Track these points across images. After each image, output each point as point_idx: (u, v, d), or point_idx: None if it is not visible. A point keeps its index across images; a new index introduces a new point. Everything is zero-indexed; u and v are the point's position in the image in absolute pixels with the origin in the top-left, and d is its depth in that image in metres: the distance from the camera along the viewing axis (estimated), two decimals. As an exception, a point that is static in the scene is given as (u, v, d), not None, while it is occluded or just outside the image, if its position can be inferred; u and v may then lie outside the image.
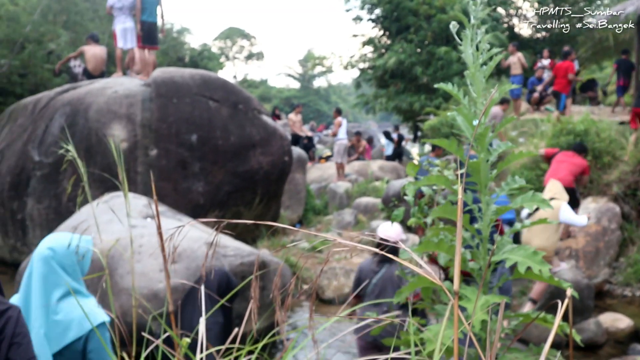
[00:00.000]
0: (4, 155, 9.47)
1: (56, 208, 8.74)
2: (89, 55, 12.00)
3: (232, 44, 78.04)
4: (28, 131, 9.38)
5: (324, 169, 19.47)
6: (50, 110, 9.42)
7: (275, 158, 10.17)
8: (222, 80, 10.31)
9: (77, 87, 10.10)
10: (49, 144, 8.94)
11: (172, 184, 9.04)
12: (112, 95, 9.28)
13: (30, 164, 8.96)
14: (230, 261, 6.08)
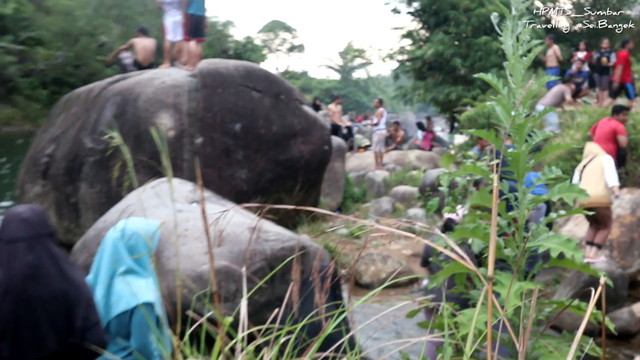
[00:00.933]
0: (59, 142, 9.63)
1: (107, 192, 8.87)
2: (139, 47, 12.14)
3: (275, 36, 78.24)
4: (81, 119, 9.53)
5: (363, 158, 19.43)
6: (102, 99, 9.55)
7: (316, 147, 10.16)
8: (265, 72, 10.33)
9: (127, 77, 10.22)
10: (101, 131, 9.07)
11: (217, 171, 9.11)
12: (160, 86, 9.37)
13: (83, 151, 9.11)
14: (271, 245, 6.10)
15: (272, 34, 78.07)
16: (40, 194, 9.62)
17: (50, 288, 2.65)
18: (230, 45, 55.11)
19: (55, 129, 10.08)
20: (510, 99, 2.28)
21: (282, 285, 5.98)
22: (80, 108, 9.85)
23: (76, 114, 9.82)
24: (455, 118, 24.53)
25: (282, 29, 78.53)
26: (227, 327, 2.13)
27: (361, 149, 21.82)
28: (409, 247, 9.97)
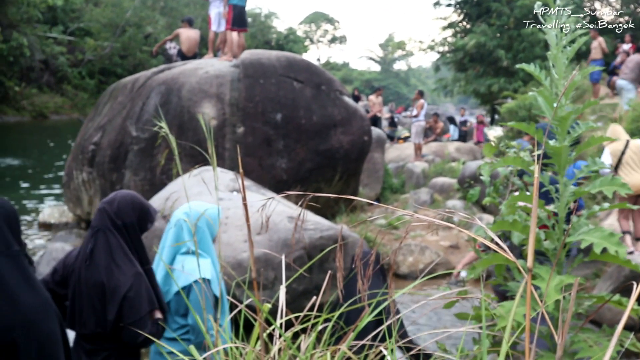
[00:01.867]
0: (105, 130, 9.78)
1: (151, 180, 8.99)
2: (184, 37, 12.24)
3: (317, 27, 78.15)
4: (127, 108, 9.65)
5: (402, 149, 19.33)
6: (147, 89, 9.66)
7: (356, 137, 10.13)
8: (307, 62, 10.32)
9: (171, 67, 10.31)
10: (145, 120, 9.18)
11: (257, 160, 9.15)
12: (203, 76, 9.44)
13: (128, 139, 9.23)
14: (310, 235, 6.11)
15: (314, 25, 77.96)
16: (87, 180, 9.80)
17: (94, 277, 2.84)
18: (272, 37, 55.24)
19: (102, 117, 10.23)
20: (552, 90, 2.23)
21: (320, 274, 5.99)
22: (126, 97, 9.98)
23: (122, 103, 9.95)
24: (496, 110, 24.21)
25: (324, 21, 78.36)
26: (266, 313, 2.14)
27: (400, 140, 21.70)
28: (447, 238, 9.89)
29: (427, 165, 16.13)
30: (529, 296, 1.28)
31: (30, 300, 2.32)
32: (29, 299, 2.31)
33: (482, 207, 11.47)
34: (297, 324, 2.40)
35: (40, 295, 2.39)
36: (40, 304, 2.36)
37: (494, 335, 2.57)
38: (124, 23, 38.77)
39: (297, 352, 2.10)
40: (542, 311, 1.69)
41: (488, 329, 2.35)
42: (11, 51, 31.10)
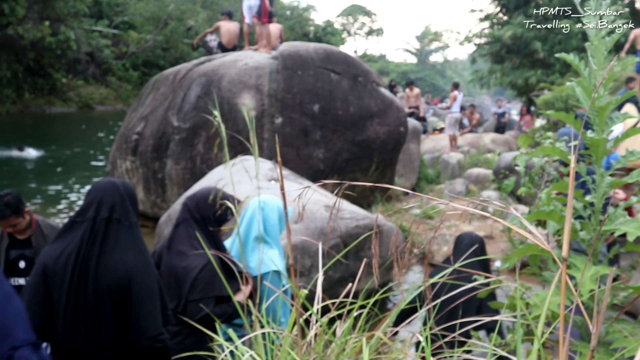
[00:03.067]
0: (147, 120, 9.90)
1: (191, 169, 9.08)
2: (224, 30, 12.31)
3: (354, 20, 77.91)
4: (169, 99, 9.75)
5: (438, 140, 19.20)
6: (188, 80, 9.74)
7: (392, 128, 10.09)
8: (344, 54, 10.30)
9: (212, 59, 10.38)
10: (187, 110, 9.27)
11: (295, 150, 9.17)
12: (242, 67, 9.48)
13: (170, 129, 9.33)
14: (346, 223, 6.12)
15: (352, 17, 77.73)
16: (130, 169, 9.94)
17: (172, 262, 3.21)
18: (310, 29, 55.22)
19: (145, 108, 10.36)
20: (591, 81, 2.19)
21: (356, 262, 5.99)
22: (168, 88, 10.08)
23: (164, 94, 10.06)
24: (532, 102, 23.83)
25: (362, 13, 78.06)
26: (303, 299, 2.15)
27: (436, 131, 21.55)
28: (481, 228, 9.80)
29: (462, 156, 16.01)
30: (564, 286, 1.27)
31: (136, 260, 2.67)
32: (135, 260, 2.67)
33: (517, 197, 11.34)
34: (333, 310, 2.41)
35: (144, 258, 2.72)
36: (143, 264, 2.69)
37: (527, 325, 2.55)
38: (166, 16, 39.15)
39: (332, 338, 2.11)
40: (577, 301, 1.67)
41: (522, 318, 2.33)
42: (59, 44, 31.65)
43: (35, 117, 31.80)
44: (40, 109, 33.52)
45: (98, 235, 2.65)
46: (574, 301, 1.37)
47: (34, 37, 29.96)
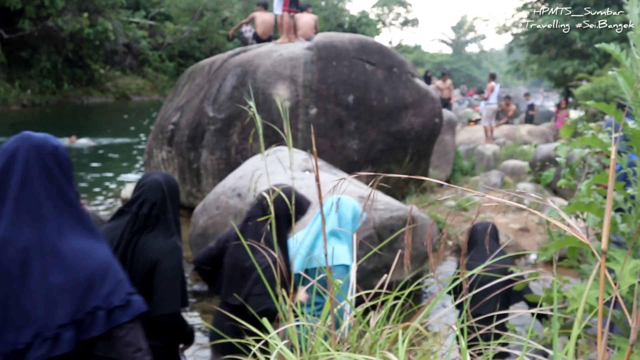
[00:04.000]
0: (183, 110, 9.98)
1: (226, 159, 9.13)
2: (259, 21, 12.33)
3: (389, 11, 77.42)
4: (204, 90, 9.82)
5: (473, 131, 19.03)
6: (223, 71, 9.79)
7: (426, 119, 10.01)
8: (379, 45, 10.24)
9: (247, 50, 10.42)
10: (222, 101, 9.32)
11: (329, 141, 9.16)
12: (277, 58, 9.49)
13: (205, 119, 9.39)
14: (380, 215, 6.10)
15: (387, 8, 77.22)
16: (166, 159, 10.05)
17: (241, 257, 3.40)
18: (345, 20, 55.03)
19: (181, 98, 10.44)
20: (633, 70, 2.14)
21: (390, 254, 5.97)
22: (203, 79, 10.14)
23: (199, 84, 10.13)
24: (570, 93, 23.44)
25: (397, 4, 77.50)
26: (338, 289, 2.14)
27: (472, 122, 21.35)
28: (517, 221, 9.69)
29: (498, 148, 15.84)
30: (603, 279, 1.24)
31: (163, 244, 2.97)
32: (162, 244, 2.98)
33: (554, 190, 11.18)
34: (367, 301, 2.41)
35: (171, 243, 3.00)
36: (169, 248, 2.97)
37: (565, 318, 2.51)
38: (202, 8, 39.37)
39: (367, 328, 2.10)
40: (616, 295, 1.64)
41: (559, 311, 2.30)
42: (97, 35, 32.07)
43: (73, 107, 32.33)
44: (79, 99, 34.06)
45: (137, 227, 3.01)
46: (613, 295, 1.34)
47: (72, 29, 30.40)
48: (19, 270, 1.89)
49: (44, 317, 1.86)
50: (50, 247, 1.93)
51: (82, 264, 1.94)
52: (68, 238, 1.96)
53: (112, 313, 1.94)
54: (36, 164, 1.97)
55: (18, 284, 1.88)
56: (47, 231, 1.94)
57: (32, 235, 1.92)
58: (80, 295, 1.91)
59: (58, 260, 1.92)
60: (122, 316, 1.95)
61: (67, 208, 2.01)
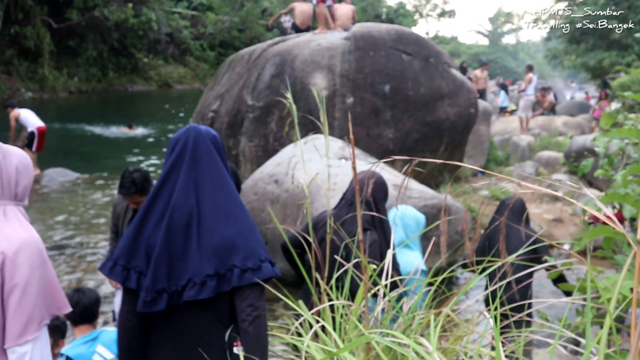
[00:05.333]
0: (223, 99, 10.04)
1: (264, 146, 9.17)
2: (298, 11, 12.30)
3: (426, 2, 76.57)
4: (243, 78, 9.86)
5: (508, 122, 18.79)
6: (263, 60, 9.81)
7: (462, 109, 9.91)
8: (416, 35, 10.15)
9: (286, 40, 10.42)
10: (260, 89, 9.35)
11: (365, 129, 9.14)
12: (315, 48, 9.48)
13: (244, 107, 9.44)
14: (414, 203, 6.07)
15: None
16: (206, 145, 10.12)
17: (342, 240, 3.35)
18: (382, 11, 54.67)
19: (221, 87, 10.51)
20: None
21: (423, 241, 5.94)
22: (243, 68, 10.18)
23: (239, 73, 10.17)
24: (607, 85, 22.92)
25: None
26: (373, 273, 2.15)
27: (507, 113, 21.07)
28: (550, 211, 9.55)
29: (533, 139, 15.61)
30: (638, 269, 1.22)
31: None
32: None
33: (589, 181, 10.99)
34: (401, 287, 2.40)
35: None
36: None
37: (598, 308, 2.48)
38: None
39: (400, 312, 2.10)
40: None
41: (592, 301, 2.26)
42: (141, 25, 32.40)
43: (118, 94, 32.78)
44: (123, 87, 34.50)
45: None
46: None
47: (118, 19, 30.75)
48: (183, 230, 2.38)
49: (196, 268, 2.34)
50: (206, 214, 2.40)
51: (229, 230, 2.39)
52: (220, 208, 2.42)
53: (245, 272, 2.34)
54: (202, 147, 2.48)
55: (181, 241, 2.37)
56: (206, 201, 2.41)
57: (195, 203, 2.40)
58: (224, 255, 2.35)
59: (211, 225, 2.38)
60: (252, 277, 2.33)
61: (223, 183, 2.47)
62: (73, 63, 31.90)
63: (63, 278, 6.89)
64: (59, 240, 8.25)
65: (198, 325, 2.44)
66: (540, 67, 53.60)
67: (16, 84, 27.57)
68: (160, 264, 2.35)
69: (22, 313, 2.24)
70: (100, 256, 7.62)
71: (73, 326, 3.59)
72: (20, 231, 2.32)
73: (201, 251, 2.37)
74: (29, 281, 2.26)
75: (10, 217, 2.35)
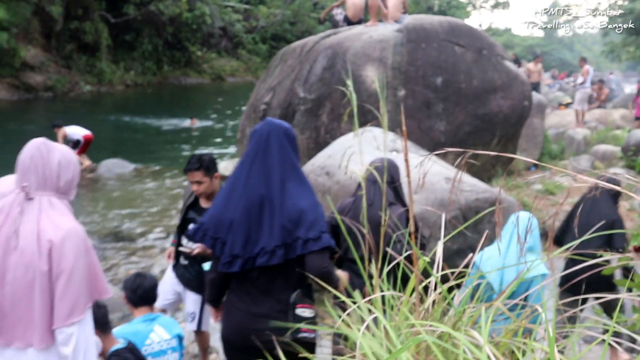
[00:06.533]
0: (275, 91, 10.10)
1: (315, 138, 9.20)
2: (349, 4, 12.27)
3: (480, -7, 75.29)
4: (295, 71, 9.90)
5: (563, 115, 18.36)
6: (314, 53, 9.83)
7: (515, 102, 9.74)
8: (469, 27, 10.01)
9: (337, 32, 10.41)
10: (312, 82, 9.37)
11: (417, 122, 9.07)
12: (367, 40, 9.44)
13: (296, 99, 9.48)
14: (466, 196, 6.01)
15: (477, -10, 75.17)
16: (258, 137, 10.20)
17: (375, 214, 3.71)
18: (434, 2, 54.05)
19: (273, 79, 10.57)
20: None
21: (474, 235, 5.88)
22: (295, 61, 10.22)
23: (291, 66, 10.21)
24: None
25: (487, -14, 75.30)
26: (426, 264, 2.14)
27: (562, 106, 20.60)
28: (607, 207, 9.29)
29: (589, 132, 15.21)
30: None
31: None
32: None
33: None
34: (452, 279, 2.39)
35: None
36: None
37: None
38: (294, -9, 39.55)
39: (452, 303, 2.09)
40: None
41: None
42: (195, 19, 32.88)
43: (172, 87, 33.35)
44: (177, 80, 35.08)
45: None
46: None
47: (172, 13, 31.27)
48: (257, 208, 2.87)
49: (267, 239, 2.84)
50: (275, 195, 2.86)
51: (294, 208, 2.84)
52: (288, 190, 2.87)
53: (307, 242, 2.81)
54: (275, 138, 2.93)
55: (256, 217, 2.87)
56: (274, 184, 2.87)
57: (266, 186, 2.87)
58: (290, 229, 2.82)
59: (279, 204, 2.85)
60: (313, 246, 2.81)
61: (290, 167, 2.92)
62: (129, 57, 32.58)
63: (119, 264, 7.08)
64: (114, 228, 8.48)
65: (269, 288, 2.91)
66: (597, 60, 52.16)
67: (75, 78, 28.34)
68: (237, 235, 2.86)
69: (68, 297, 2.42)
70: (155, 243, 7.81)
71: (133, 308, 3.85)
72: (66, 221, 2.50)
73: (272, 225, 2.84)
74: (74, 267, 2.44)
75: (57, 207, 2.52)
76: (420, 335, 1.52)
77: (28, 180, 2.50)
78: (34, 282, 2.41)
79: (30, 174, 2.50)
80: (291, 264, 2.87)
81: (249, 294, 2.96)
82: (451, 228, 5.42)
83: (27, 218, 2.46)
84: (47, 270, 2.41)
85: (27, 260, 2.41)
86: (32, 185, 2.50)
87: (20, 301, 2.43)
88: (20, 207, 2.47)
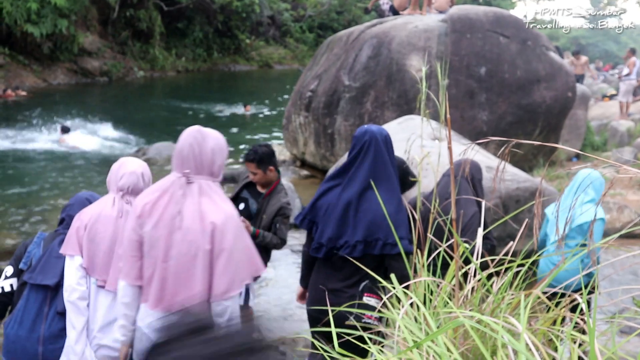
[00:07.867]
0: (321, 79, 10.10)
1: (359, 125, 9.15)
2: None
3: (526, -16, 73.59)
4: (341, 59, 9.87)
5: (607, 107, 17.90)
6: (360, 42, 9.78)
7: (559, 93, 9.53)
8: (514, 18, 9.83)
9: (383, 22, 10.33)
10: (357, 70, 9.33)
11: (460, 111, 8.96)
12: (412, 30, 9.35)
13: (341, 87, 9.46)
14: (506, 185, 5.92)
15: (523, -18, 73.55)
16: (303, 124, 10.24)
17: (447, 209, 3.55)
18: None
19: (319, 67, 10.56)
20: None
21: (515, 223, 5.79)
22: (341, 49, 10.19)
23: (337, 54, 10.18)
24: None
25: (533, -23, 73.52)
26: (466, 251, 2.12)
27: (606, 98, 20.07)
28: (649, 199, 9.06)
29: (633, 124, 14.79)
30: None
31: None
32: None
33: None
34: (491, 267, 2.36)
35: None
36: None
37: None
38: (342, -18, 39.32)
39: (491, 289, 2.07)
40: None
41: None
42: (244, 8, 32.97)
43: (221, 74, 33.60)
44: (226, 67, 35.30)
45: None
46: None
47: (223, 1, 31.42)
48: (346, 207, 3.15)
49: (351, 235, 3.13)
50: (364, 198, 3.13)
51: (376, 212, 3.05)
52: (376, 195, 3.01)
53: (385, 246, 3.06)
54: (373, 146, 3.18)
55: (344, 214, 3.16)
56: (365, 188, 3.13)
57: (358, 189, 3.16)
58: (372, 230, 3.09)
59: (366, 206, 3.12)
60: (391, 249, 3.06)
61: (383, 173, 3.16)
62: (181, 44, 32.91)
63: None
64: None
65: (346, 275, 3.20)
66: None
67: (130, 63, 28.79)
68: (326, 227, 3.20)
69: (227, 273, 2.62)
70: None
71: None
72: (225, 203, 2.71)
73: (355, 224, 3.14)
74: (234, 247, 2.63)
75: (215, 191, 2.72)
76: (458, 319, 1.51)
77: (188, 166, 2.68)
78: (196, 258, 2.60)
79: (190, 160, 2.68)
80: (368, 260, 3.09)
81: (327, 277, 3.27)
82: (491, 216, 5.36)
83: (190, 200, 2.65)
84: (210, 249, 2.59)
85: (190, 238, 2.60)
86: (192, 171, 2.68)
87: (181, 273, 2.62)
88: (182, 190, 2.66)
